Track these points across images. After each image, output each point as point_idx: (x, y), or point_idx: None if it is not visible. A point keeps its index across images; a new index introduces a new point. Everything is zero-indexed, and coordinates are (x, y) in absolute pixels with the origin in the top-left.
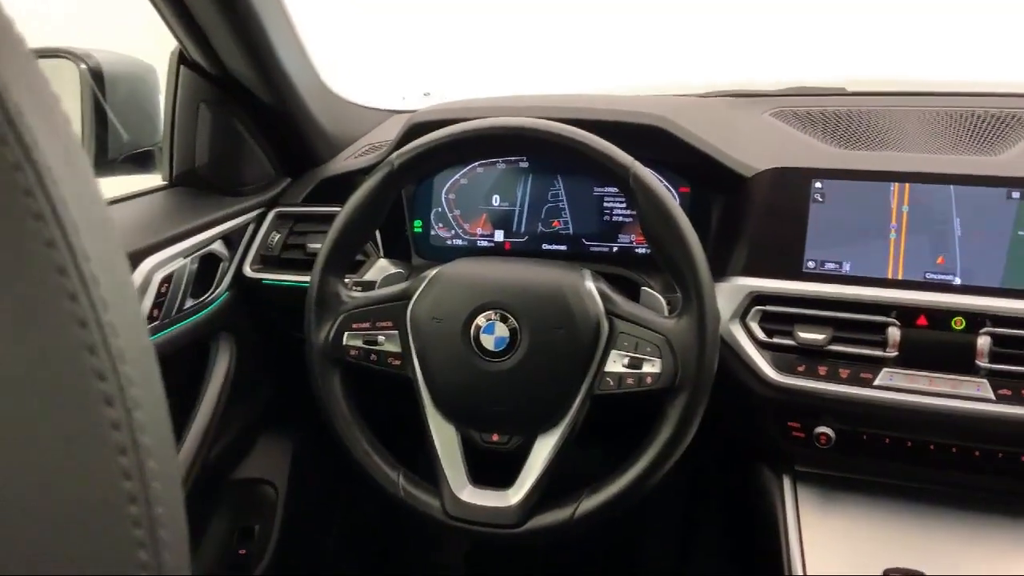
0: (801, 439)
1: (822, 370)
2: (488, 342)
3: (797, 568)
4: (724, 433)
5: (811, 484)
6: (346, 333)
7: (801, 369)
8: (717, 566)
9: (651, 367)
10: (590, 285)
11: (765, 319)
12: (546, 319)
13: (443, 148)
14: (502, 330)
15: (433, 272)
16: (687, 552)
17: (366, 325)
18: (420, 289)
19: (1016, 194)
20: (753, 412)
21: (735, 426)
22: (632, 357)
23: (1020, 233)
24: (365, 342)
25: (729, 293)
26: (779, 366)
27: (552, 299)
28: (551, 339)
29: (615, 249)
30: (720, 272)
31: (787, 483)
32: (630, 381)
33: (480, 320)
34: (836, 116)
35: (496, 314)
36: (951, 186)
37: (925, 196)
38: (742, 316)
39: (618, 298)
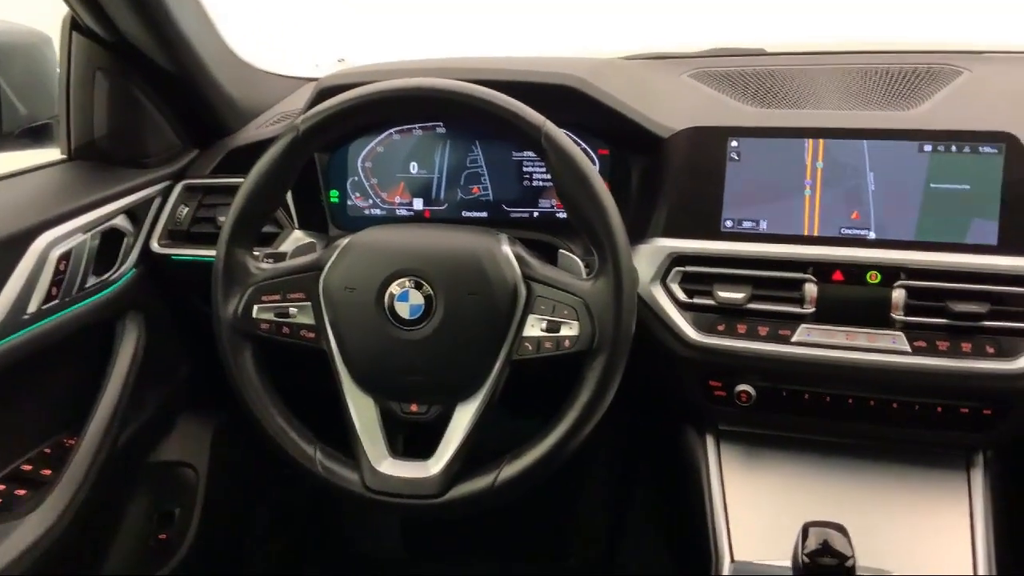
0: (723, 398)
1: (741, 328)
2: (403, 310)
3: (721, 526)
4: (650, 395)
5: (734, 442)
6: (256, 306)
7: (721, 328)
8: (652, 528)
9: (569, 330)
10: (506, 249)
11: (685, 280)
12: (461, 285)
13: (349, 112)
14: (417, 297)
15: (345, 241)
16: (623, 513)
17: (277, 297)
18: (332, 258)
19: (928, 147)
20: (676, 373)
21: (659, 387)
22: (550, 321)
23: (932, 186)
24: (276, 315)
25: (650, 255)
26: (700, 326)
27: (467, 264)
28: (467, 305)
29: (536, 214)
30: (641, 234)
31: (711, 442)
32: (548, 345)
33: (394, 288)
34: (755, 76)
35: (410, 281)
36: (864, 141)
37: (839, 152)
38: (663, 278)
39: (535, 262)
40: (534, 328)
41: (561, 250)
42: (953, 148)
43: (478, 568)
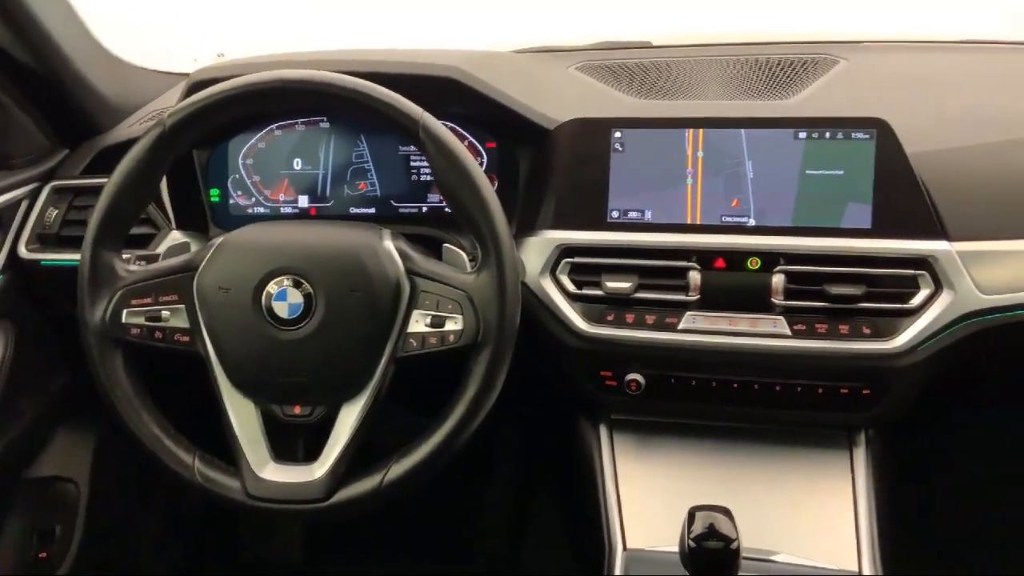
0: (614, 387)
1: (629, 318)
2: (281, 309)
3: (613, 515)
4: (544, 387)
5: (627, 431)
6: (125, 310)
7: (610, 318)
8: (557, 521)
9: (453, 324)
10: (388, 244)
11: (574, 271)
12: (342, 282)
13: (218, 106)
14: (295, 296)
15: (219, 240)
16: (528, 508)
17: (148, 301)
18: (206, 258)
19: (803, 134)
20: (567, 364)
21: (552, 379)
22: (434, 316)
23: (808, 172)
24: (148, 319)
25: (539, 247)
26: (589, 316)
27: (347, 261)
28: (348, 302)
29: (425, 209)
30: (530, 226)
31: (603, 432)
32: (433, 340)
33: (271, 287)
34: (640, 68)
35: (288, 280)
36: (742, 130)
37: (718, 141)
38: (552, 269)
39: (418, 256)
40: (419, 324)
41: (445, 244)
42: (827, 135)
43: (382, 569)
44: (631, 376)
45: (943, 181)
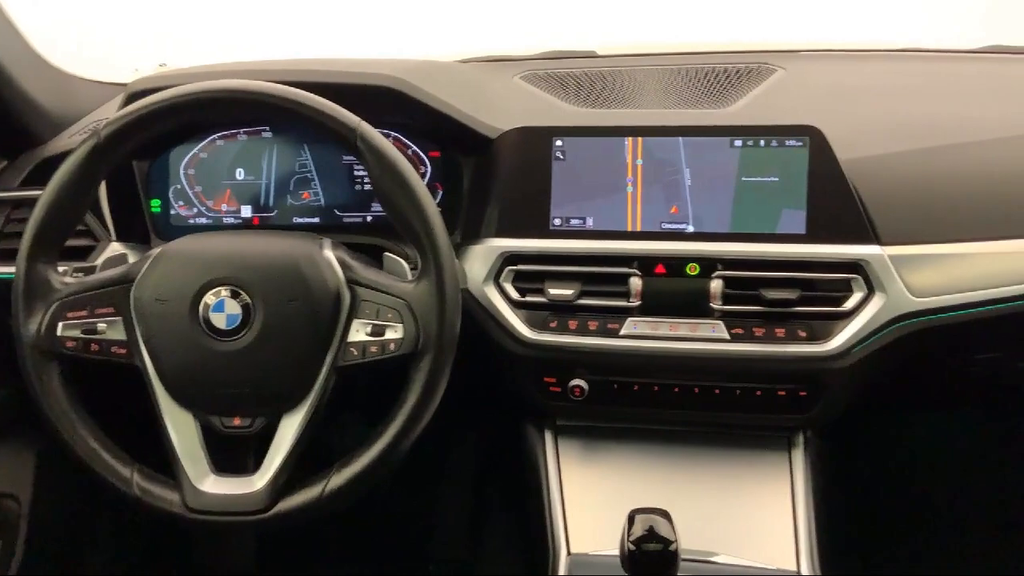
0: (558, 393)
1: (573, 324)
2: (219, 320)
3: (558, 520)
4: (490, 394)
5: (572, 436)
6: (61, 323)
7: (553, 325)
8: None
9: (393, 333)
10: (328, 253)
11: (518, 278)
12: (280, 292)
13: (154, 116)
14: (233, 307)
15: (157, 251)
16: (482, 514)
17: (84, 313)
18: (143, 270)
19: (738, 142)
20: (512, 371)
21: (498, 386)
22: (374, 325)
23: (744, 179)
24: (84, 331)
25: (483, 255)
26: (533, 323)
27: (286, 270)
28: (287, 313)
29: (370, 219)
30: (474, 234)
31: (549, 437)
32: (374, 349)
33: (209, 298)
34: (585, 78)
35: (226, 290)
36: (680, 138)
37: (656, 149)
38: (495, 277)
39: (358, 265)
40: (359, 333)
41: (386, 252)
42: (761, 143)
43: (335, 574)
44: (574, 382)
45: (874, 187)
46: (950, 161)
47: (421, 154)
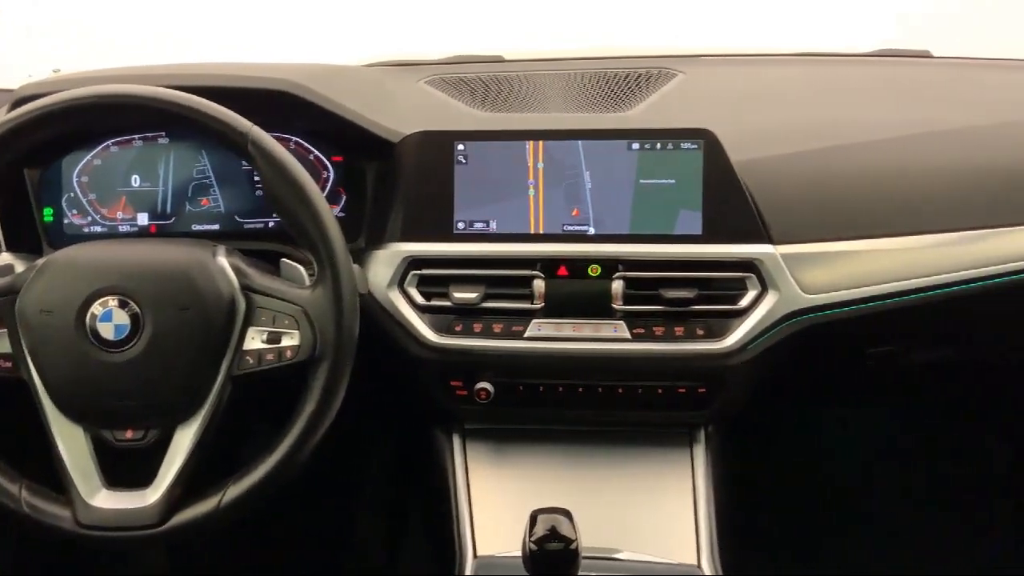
0: (464, 396)
1: (477, 327)
2: (107, 331)
3: (465, 524)
4: (397, 399)
5: (480, 439)
6: None
7: (458, 328)
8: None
9: (290, 340)
10: (222, 260)
11: (422, 282)
12: (171, 300)
13: (36, 122)
14: (121, 317)
15: (42, 261)
16: (400, 520)
17: None
18: (28, 280)
19: (636, 145)
20: (418, 375)
21: (405, 391)
22: (270, 332)
23: (642, 181)
24: None
25: (387, 259)
26: (438, 327)
27: (176, 278)
28: (178, 322)
29: (271, 224)
30: (379, 239)
31: (457, 441)
32: (270, 357)
33: (96, 308)
34: (490, 82)
35: (114, 300)
36: (579, 141)
37: (557, 152)
38: (400, 281)
39: (253, 272)
40: (255, 340)
41: (283, 259)
42: (657, 146)
43: None
44: (480, 385)
45: (767, 188)
46: (839, 162)
47: (324, 159)
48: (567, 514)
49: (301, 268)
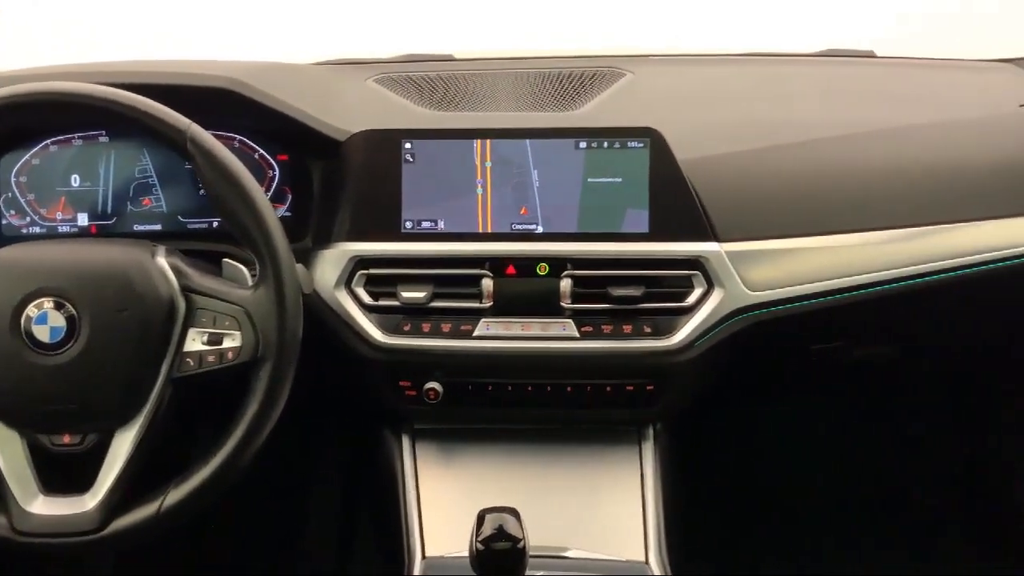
0: (413, 396)
1: (426, 327)
2: (42, 333)
3: (414, 524)
4: (346, 399)
5: (429, 439)
6: None
7: (407, 328)
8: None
9: (231, 341)
10: (161, 261)
11: (370, 282)
12: (108, 302)
13: None
14: (57, 319)
15: None
16: (352, 520)
17: None
18: None
19: (583, 144)
20: (366, 375)
21: (353, 391)
22: (211, 333)
23: (589, 180)
24: None
25: (334, 259)
26: (386, 327)
27: (114, 280)
28: (116, 324)
29: (215, 224)
30: (326, 238)
31: (406, 442)
32: (211, 359)
33: (31, 310)
34: (440, 81)
35: (49, 301)
36: (527, 140)
37: (505, 151)
38: (347, 281)
39: (194, 272)
40: (195, 342)
41: (225, 259)
42: (604, 144)
43: None
44: (429, 385)
45: (712, 186)
46: (784, 160)
47: (269, 158)
48: (515, 513)
49: (243, 268)
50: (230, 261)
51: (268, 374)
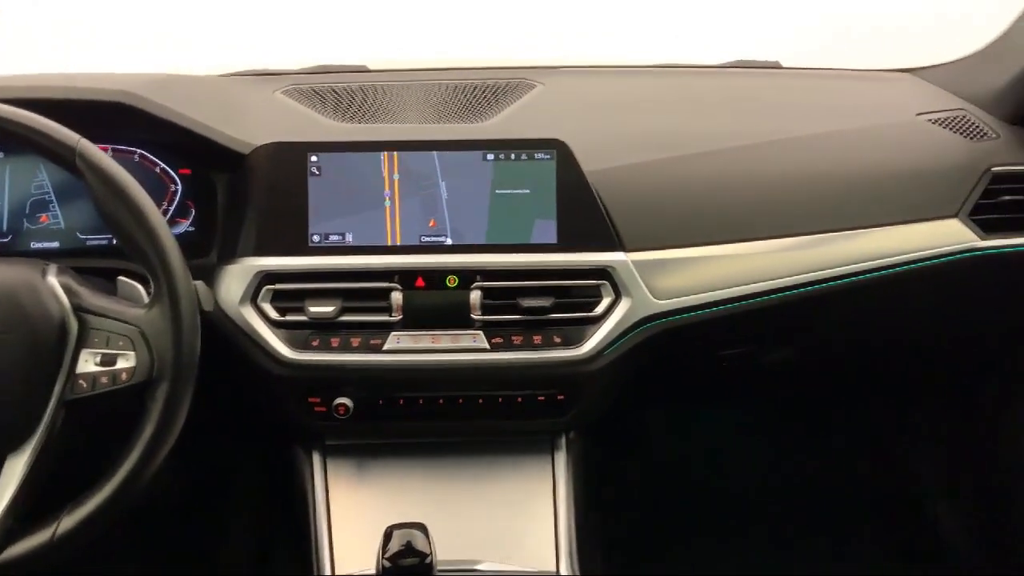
0: (323, 413)
1: (335, 342)
2: None
3: (323, 543)
4: (255, 417)
5: (341, 456)
6: None
7: (315, 343)
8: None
9: (125, 362)
10: (52, 280)
11: (277, 297)
12: None
13: None
14: None
15: None
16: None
17: None
18: None
19: (491, 156)
20: (274, 392)
21: (262, 409)
22: (104, 354)
23: (497, 192)
24: None
25: (239, 274)
26: (294, 343)
27: (1, 301)
28: (3, 346)
29: (116, 241)
30: (231, 254)
31: (317, 459)
32: (104, 380)
33: None
34: (350, 92)
35: None
36: (434, 152)
37: (412, 163)
38: (253, 297)
39: (85, 291)
40: (88, 363)
41: (120, 277)
42: (512, 156)
43: None
44: (339, 400)
45: (619, 196)
46: (690, 170)
47: (171, 172)
48: (423, 528)
49: (139, 286)
50: (125, 279)
51: (164, 395)
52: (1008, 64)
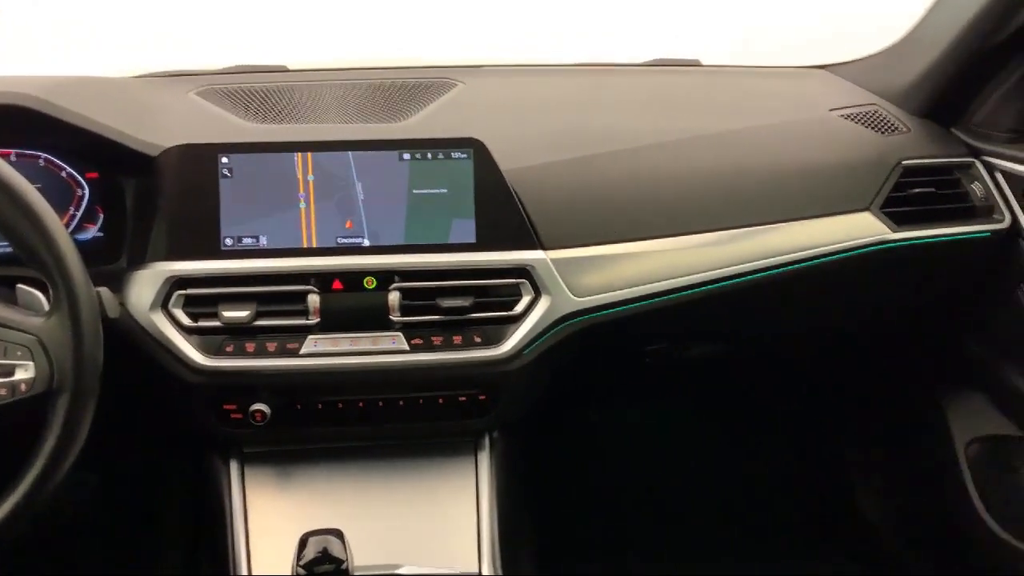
0: (240, 420)
1: (250, 347)
2: None
3: (240, 551)
4: (169, 426)
5: (259, 463)
6: None
7: (229, 349)
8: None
9: (24, 373)
10: None
11: (189, 303)
12: None
13: None
14: None
15: None
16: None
17: None
18: None
19: (407, 155)
20: (188, 400)
21: (176, 417)
22: (2, 365)
23: (415, 191)
24: None
25: (150, 280)
26: (207, 349)
27: None
28: None
29: (13, 248)
30: (140, 259)
31: (235, 467)
32: (3, 392)
33: None
34: (267, 93)
35: None
36: (349, 152)
37: (327, 163)
38: (163, 303)
39: None
40: None
41: (19, 285)
42: (429, 155)
43: None
44: (256, 407)
45: (536, 195)
46: (608, 168)
47: (77, 176)
48: (339, 534)
49: (39, 295)
50: (25, 287)
51: (66, 406)
52: (917, 59)
